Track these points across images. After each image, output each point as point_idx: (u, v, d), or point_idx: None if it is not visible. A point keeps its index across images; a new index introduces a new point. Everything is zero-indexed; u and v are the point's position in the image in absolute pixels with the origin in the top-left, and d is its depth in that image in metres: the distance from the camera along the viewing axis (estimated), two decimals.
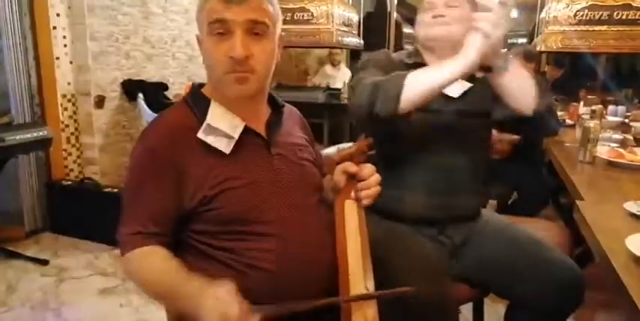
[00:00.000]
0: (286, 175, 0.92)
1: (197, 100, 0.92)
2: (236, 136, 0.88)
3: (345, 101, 3.72)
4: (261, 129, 0.93)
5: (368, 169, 0.93)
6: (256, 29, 0.84)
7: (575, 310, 1.15)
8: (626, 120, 2.63)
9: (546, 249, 1.17)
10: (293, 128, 1.03)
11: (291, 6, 3.74)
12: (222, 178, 0.85)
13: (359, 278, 0.83)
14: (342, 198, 0.93)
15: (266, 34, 0.86)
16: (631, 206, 1.05)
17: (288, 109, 1.04)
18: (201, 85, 0.96)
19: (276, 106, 0.99)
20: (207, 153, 0.86)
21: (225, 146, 0.87)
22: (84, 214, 2.62)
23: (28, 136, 2.28)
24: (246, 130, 0.90)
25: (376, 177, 0.94)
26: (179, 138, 0.86)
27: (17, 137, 2.23)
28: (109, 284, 2.14)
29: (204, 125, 0.86)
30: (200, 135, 0.86)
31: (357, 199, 0.93)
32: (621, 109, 2.78)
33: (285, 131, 0.98)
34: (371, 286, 0.83)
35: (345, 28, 3.98)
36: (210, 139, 0.86)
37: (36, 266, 2.32)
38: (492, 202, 2.50)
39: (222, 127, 0.87)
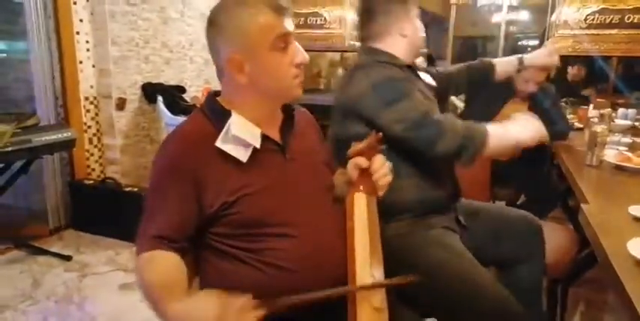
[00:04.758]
0: (301, 179, 0.95)
1: (214, 111, 0.93)
2: (258, 144, 0.90)
3: None
4: (275, 134, 0.95)
5: (378, 161, 0.96)
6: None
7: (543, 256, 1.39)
8: (637, 123, 2.60)
9: (509, 211, 1.49)
10: (306, 131, 1.04)
11: (304, 11, 3.80)
12: (239, 184, 0.88)
13: (365, 266, 0.85)
14: (352, 191, 0.96)
15: None
16: (636, 210, 1.05)
17: (300, 111, 1.06)
18: (216, 94, 0.98)
19: (287, 110, 1.01)
20: (224, 160, 0.88)
21: (242, 155, 0.89)
22: (105, 212, 2.69)
23: (54, 137, 2.32)
24: (262, 137, 0.92)
25: (386, 166, 0.97)
26: (198, 147, 0.89)
27: (43, 138, 2.28)
28: (129, 280, 2.20)
29: (222, 135, 0.89)
30: (218, 143, 0.88)
31: (372, 191, 0.96)
32: (632, 112, 2.72)
33: (299, 134, 1.00)
34: (378, 274, 0.85)
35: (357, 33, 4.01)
36: (228, 148, 0.88)
37: (60, 262, 2.39)
38: (500, 204, 2.52)
39: (245, 137, 0.89)
